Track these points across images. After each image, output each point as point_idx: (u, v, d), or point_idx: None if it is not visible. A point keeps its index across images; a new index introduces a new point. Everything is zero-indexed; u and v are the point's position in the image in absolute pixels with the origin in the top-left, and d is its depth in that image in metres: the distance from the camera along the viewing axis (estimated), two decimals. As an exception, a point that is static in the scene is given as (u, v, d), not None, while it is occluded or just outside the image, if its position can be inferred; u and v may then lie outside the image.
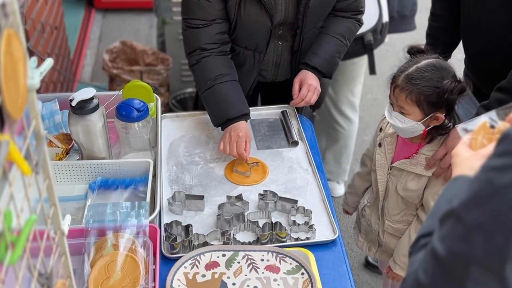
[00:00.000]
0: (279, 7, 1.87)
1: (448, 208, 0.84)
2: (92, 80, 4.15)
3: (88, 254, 1.40)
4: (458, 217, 0.80)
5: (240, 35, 1.95)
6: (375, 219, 1.92)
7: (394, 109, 1.67)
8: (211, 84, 1.89)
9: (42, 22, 2.82)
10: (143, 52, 3.58)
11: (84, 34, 4.64)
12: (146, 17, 5.04)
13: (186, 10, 1.90)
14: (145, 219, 1.45)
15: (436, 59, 1.64)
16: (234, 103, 1.89)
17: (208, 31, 1.89)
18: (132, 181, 1.69)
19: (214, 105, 1.91)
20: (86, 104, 1.64)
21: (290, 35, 1.98)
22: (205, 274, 1.45)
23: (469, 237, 0.78)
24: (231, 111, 1.87)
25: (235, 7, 1.85)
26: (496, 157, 0.80)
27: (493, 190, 0.77)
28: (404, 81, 1.62)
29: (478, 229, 0.77)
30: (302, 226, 1.63)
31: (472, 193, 0.80)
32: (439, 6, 2.00)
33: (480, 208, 0.78)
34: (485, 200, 0.78)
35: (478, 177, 0.81)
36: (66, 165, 1.71)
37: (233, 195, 1.73)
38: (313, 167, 1.87)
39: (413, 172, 1.74)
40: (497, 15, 1.72)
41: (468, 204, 0.80)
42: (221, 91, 1.89)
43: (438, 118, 1.63)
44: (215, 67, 1.91)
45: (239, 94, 1.93)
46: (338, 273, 1.52)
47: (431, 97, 1.59)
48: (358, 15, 2.07)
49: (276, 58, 2.04)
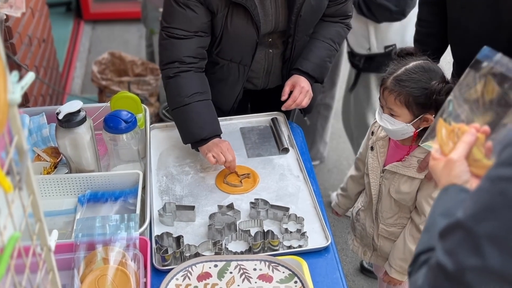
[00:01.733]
0: (270, 17, 1.86)
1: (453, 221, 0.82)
2: (82, 92, 4.14)
3: (78, 269, 1.38)
4: (468, 230, 0.79)
5: (226, 48, 1.93)
6: (370, 223, 1.92)
7: (384, 111, 1.68)
8: (187, 101, 1.84)
9: (29, 35, 2.80)
10: (132, 63, 3.57)
11: (73, 46, 4.63)
12: (135, 28, 5.04)
13: (169, 19, 1.83)
14: (135, 232, 1.43)
15: (424, 61, 1.65)
16: (208, 123, 1.86)
17: (189, 43, 1.84)
18: (122, 193, 1.68)
19: (188, 123, 1.86)
20: (73, 117, 1.62)
21: (280, 42, 1.97)
22: (197, 286, 1.44)
23: (482, 249, 0.77)
24: (205, 132, 1.83)
25: (222, 20, 1.83)
26: (504, 166, 0.79)
27: (506, 201, 0.76)
28: (393, 83, 1.62)
29: (491, 241, 0.76)
30: (295, 233, 1.61)
31: (482, 205, 0.79)
32: (426, 12, 2.00)
33: (492, 220, 0.77)
34: (497, 211, 0.77)
35: (485, 188, 0.80)
36: (55, 179, 1.69)
37: (224, 204, 1.72)
38: (304, 174, 1.86)
39: (405, 175, 1.73)
40: (484, 19, 1.72)
41: (479, 216, 0.78)
42: (196, 110, 1.84)
43: (428, 120, 1.64)
44: (193, 84, 1.86)
45: (213, 114, 1.89)
46: (332, 280, 1.51)
47: (420, 99, 1.60)
48: (346, 20, 2.07)
49: (267, 66, 2.03)
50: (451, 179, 0.92)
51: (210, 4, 1.79)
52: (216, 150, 1.81)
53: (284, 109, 1.98)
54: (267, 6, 1.84)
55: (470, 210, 0.80)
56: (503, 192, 0.76)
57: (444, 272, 0.80)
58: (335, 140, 3.57)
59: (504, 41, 1.69)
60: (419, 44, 2.02)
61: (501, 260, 0.75)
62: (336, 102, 3.16)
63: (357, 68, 2.71)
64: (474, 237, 0.78)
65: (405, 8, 2.39)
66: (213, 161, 1.80)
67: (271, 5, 1.84)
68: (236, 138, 2.05)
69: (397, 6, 2.38)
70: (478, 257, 0.77)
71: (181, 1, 1.79)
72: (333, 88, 3.04)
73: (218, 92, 1.97)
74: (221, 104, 1.96)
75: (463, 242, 0.80)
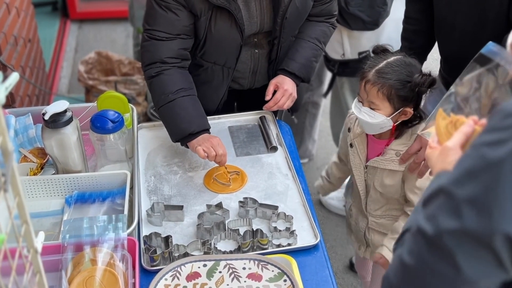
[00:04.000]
0: (254, 19, 1.86)
1: (435, 187, 0.84)
2: (69, 92, 4.10)
3: (66, 271, 1.37)
4: (449, 194, 0.80)
5: (209, 51, 1.92)
6: (361, 218, 1.94)
7: (364, 105, 1.69)
8: (172, 98, 1.81)
9: (15, 35, 2.78)
10: (119, 62, 3.55)
11: (60, 45, 4.60)
12: (122, 27, 5.01)
13: (151, 21, 1.82)
14: (123, 232, 1.42)
15: (404, 56, 1.69)
16: (196, 117, 1.83)
17: (171, 45, 1.83)
18: (110, 194, 1.66)
19: (176, 119, 1.83)
20: (59, 117, 1.61)
21: (266, 42, 1.97)
22: (186, 286, 1.43)
23: (461, 211, 0.78)
24: (193, 126, 1.80)
25: (206, 23, 1.82)
26: (488, 132, 0.81)
27: (485, 164, 0.78)
28: (376, 75, 1.64)
29: (470, 203, 0.78)
30: (284, 232, 1.61)
31: (463, 169, 0.81)
32: (413, 9, 2.01)
33: (472, 183, 0.78)
34: (477, 174, 0.78)
35: (468, 154, 0.82)
36: (42, 180, 1.67)
37: (213, 204, 1.71)
38: (293, 172, 1.86)
39: (386, 168, 1.75)
40: (470, 16, 1.73)
41: (459, 180, 0.80)
42: (183, 105, 1.82)
43: (407, 113, 1.67)
44: (177, 80, 1.84)
45: (200, 109, 1.87)
46: (321, 278, 1.51)
47: (402, 91, 1.63)
48: (331, 19, 2.07)
49: (253, 66, 2.02)
50: (444, 165, 0.93)
51: (193, 7, 1.78)
52: (207, 144, 1.79)
53: (265, 109, 1.98)
54: (252, 8, 1.83)
55: (452, 175, 0.82)
56: (483, 156, 0.78)
57: (424, 237, 0.82)
58: (323, 138, 3.57)
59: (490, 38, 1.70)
60: (406, 41, 2.03)
61: (477, 222, 0.77)
62: (324, 99, 3.16)
63: (332, 72, 2.72)
64: (454, 201, 0.80)
65: (378, 18, 2.39)
66: (203, 154, 1.76)
67: (256, 7, 1.84)
68: (224, 137, 2.04)
69: (370, 17, 2.38)
70: (457, 219, 0.78)
71: (163, 4, 1.77)
72: (320, 86, 3.04)
73: (203, 94, 1.96)
74: (205, 106, 1.96)
75: (443, 206, 0.81)
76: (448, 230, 0.79)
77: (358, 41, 2.51)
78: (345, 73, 2.63)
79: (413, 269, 0.84)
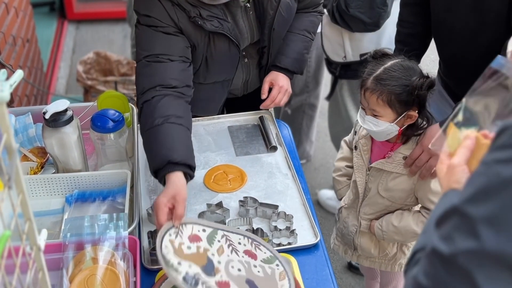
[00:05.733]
0: (245, 35, 1.87)
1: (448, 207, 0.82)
2: (67, 92, 4.10)
3: (67, 269, 1.37)
4: (463, 214, 0.79)
5: (210, 75, 1.91)
6: (353, 221, 1.91)
7: (367, 113, 1.68)
8: (160, 122, 1.60)
9: (13, 35, 2.78)
10: (117, 62, 3.55)
11: (57, 46, 4.59)
12: (120, 28, 5.01)
13: (148, 47, 1.72)
14: (124, 231, 1.42)
15: (402, 60, 1.66)
16: (181, 148, 1.58)
17: (174, 65, 1.71)
18: (110, 193, 1.67)
19: (158, 145, 1.58)
20: (60, 116, 1.61)
21: (255, 51, 1.98)
22: (190, 246, 1.40)
23: (478, 231, 0.76)
24: (175, 154, 1.54)
25: (204, 50, 1.80)
26: (499, 150, 0.79)
27: (501, 182, 0.76)
28: (374, 83, 1.62)
29: (487, 223, 0.76)
30: (284, 231, 1.62)
31: (477, 188, 0.79)
32: (408, 13, 2.01)
33: (488, 201, 0.77)
34: (493, 193, 0.77)
35: (481, 172, 0.80)
36: (42, 179, 1.68)
37: (213, 203, 1.72)
38: (292, 172, 1.87)
39: (392, 172, 1.74)
40: (469, 19, 1.73)
41: (474, 199, 0.78)
42: (170, 132, 1.59)
43: (412, 116, 1.65)
44: (171, 106, 1.65)
45: (189, 143, 1.64)
46: (321, 277, 1.52)
47: (402, 96, 1.60)
48: (318, 7, 2.07)
49: (245, 76, 2.04)
50: (450, 184, 0.93)
51: (189, 38, 1.77)
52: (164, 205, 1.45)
53: (263, 108, 1.99)
54: (240, 26, 1.84)
55: (466, 194, 0.80)
56: (498, 174, 0.77)
57: (440, 257, 0.80)
58: (321, 138, 3.58)
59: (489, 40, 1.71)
60: (401, 44, 2.03)
61: (496, 242, 0.75)
62: (321, 101, 3.17)
63: (334, 75, 2.72)
64: (470, 220, 0.78)
65: (379, 20, 2.39)
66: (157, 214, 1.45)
67: (244, 23, 1.85)
68: (224, 136, 2.05)
69: (371, 18, 2.38)
70: (474, 239, 0.76)
71: (162, 30, 1.71)
72: (317, 87, 3.05)
73: (202, 108, 1.98)
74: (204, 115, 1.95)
75: (459, 226, 0.79)
76: (465, 251, 0.77)
77: (359, 43, 2.51)
78: (346, 76, 2.63)
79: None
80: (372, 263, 1.95)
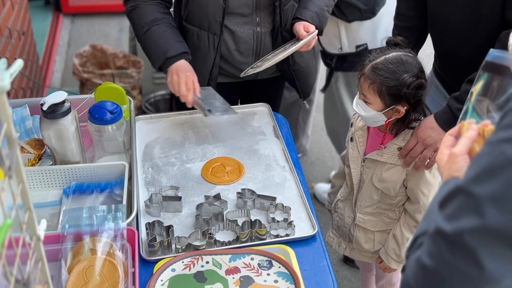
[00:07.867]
0: None
1: (452, 187, 0.83)
2: (63, 85, 4.09)
3: (65, 260, 1.37)
4: (468, 193, 0.79)
5: (192, 11, 1.97)
6: (349, 213, 1.93)
7: (360, 97, 1.70)
8: (147, 27, 1.92)
9: (9, 28, 2.76)
10: (114, 56, 3.54)
11: (53, 39, 4.57)
12: (115, 21, 4.99)
13: None
14: (122, 222, 1.43)
15: (405, 53, 1.66)
16: (172, 42, 1.91)
17: None
18: (108, 185, 1.67)
19: (153, 47, 1.93)
20: (57, 108, 1.61)
21: (268, 21, 1.99)
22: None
23: (483, 209, 0.77)
24: (170, 50, 1.89)
25: None
26: (504, 129, 0.80)
27: (506, 160, 0.77)
28: (370, 70, 1.64)
29: (492, 201, 0.77)
30: (281, 223, 1.62)
31: (481, 167, 0.80)
32: (405, 6, 2.01)
33: (493, 180, 0.77)
34: (498, 171, 0.77)
35: (486, 152, 0.81)
36: (39, 170, 1.67)
37: (211, 195, 1.72)
38: (290, 164, 1.87)
39: (387, 163, 1.75)
40: (464, 12, 1.74)
41: (479, 178, 0.79)
42: (158, 32, 1.92)
43: (399, 111, 1.66)
44: (151, 12, 1.94)
45: (176, 35, 1.95)
46: (319, 268, 1.52)
47: (392, 89, 1.61)
48: None
49: (256, 46, 2.03)
50: (451, 172, 0.93)
51: None
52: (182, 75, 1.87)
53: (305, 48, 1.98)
54: None
55: (471, 174, 0.81)
56: (503, 153, 0.77)
57: (444, 237, 0.80)
58: (317, 133, 3.59)
59: (484, 33, 1.72)
60: None
61: (500, 219, 0.76)
62: (317, 95, 3.17)
63: (330, 67, 2.72)
64: (475, 199, 0.78)
65: (374, 6, 2.40)
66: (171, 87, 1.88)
67: None
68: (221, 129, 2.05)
69: (366, 5, 2.39)
70: (479, 217, 0.77)
71: None
72: None
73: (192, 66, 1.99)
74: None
75: (463, 205, 0.80)
76: (470, 229, 0.78)
77: (355, 34, 2.51)
78: (342, 68, 2.63)
79: (434, 270, 0.83)
80: (365, 257, 1.96)
